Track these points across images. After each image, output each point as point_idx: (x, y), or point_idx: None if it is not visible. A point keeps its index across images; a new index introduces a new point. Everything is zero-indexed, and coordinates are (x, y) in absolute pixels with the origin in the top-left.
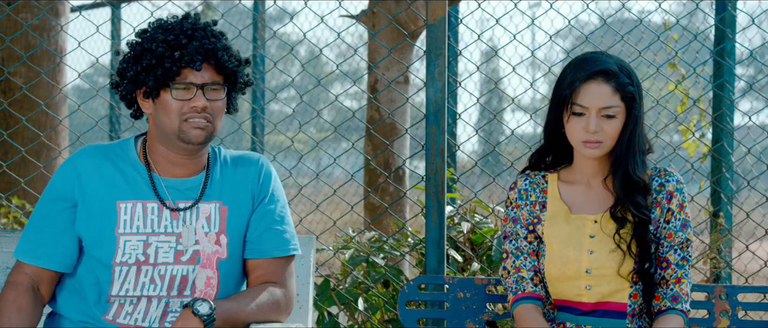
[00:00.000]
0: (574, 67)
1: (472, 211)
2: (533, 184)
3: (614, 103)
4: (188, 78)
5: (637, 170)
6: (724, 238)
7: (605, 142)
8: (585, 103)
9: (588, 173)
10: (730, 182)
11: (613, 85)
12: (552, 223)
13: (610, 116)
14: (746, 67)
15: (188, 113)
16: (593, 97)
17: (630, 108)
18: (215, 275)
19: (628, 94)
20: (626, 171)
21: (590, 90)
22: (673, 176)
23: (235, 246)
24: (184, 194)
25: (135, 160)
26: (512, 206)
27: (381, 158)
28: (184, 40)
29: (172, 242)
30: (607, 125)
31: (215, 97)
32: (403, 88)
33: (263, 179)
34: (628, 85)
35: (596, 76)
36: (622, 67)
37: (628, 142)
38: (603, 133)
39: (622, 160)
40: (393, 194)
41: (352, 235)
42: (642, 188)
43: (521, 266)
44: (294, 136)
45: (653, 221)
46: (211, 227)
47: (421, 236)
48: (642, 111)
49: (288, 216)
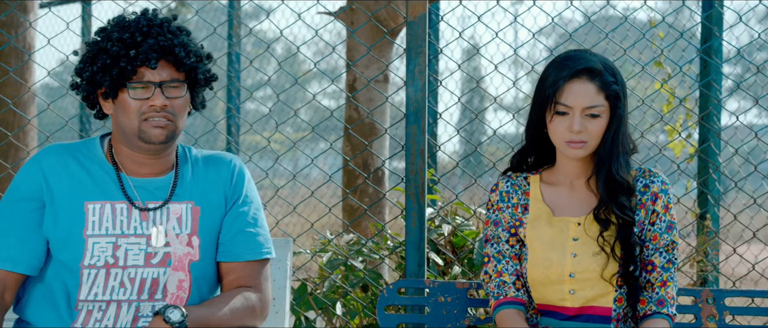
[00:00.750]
0: (558, 66)
1: (454, 213)
2: (515, 186)
3: (598, 103)
4: (145, 76)
5: (621, 171)
6: (711, 240)
7: (589, 142)
8: (569, 103)
9: (571, 174)
10: (717, 183)
11: (597, 83)
12: (534, 226)
13: (594, 116)
14: (733, 66)
15: (147, 113)
16: (577, 97)
17: (614, 107)
18: (187, 278)
19: (612, 93)
20: (610, 172)
21: (574, 89)
22: (658, 177)
23: (208, 248)
24: (154, 194)
25: (102, 160)
26: (493, 209)
27: (360, 159)
28: (139, 37)
29: (142, 243)
30: (592, 125)
31: (175, 94)
32: (382, 87)
33: (236, 180)
34: (612, 84)
35: (580, 75)
36: (607, 65)
37: (612, 142)
38: (587, 133)
39: (605, 161)
40: (372, 195)
41: (329, 238)
42: (626, 188)
43: (503, 270)
44: (270, 137)
45: (638, 223)
46: (182, 228)
47: (400, 238)
48: (626, 110)
49: (262, 218)
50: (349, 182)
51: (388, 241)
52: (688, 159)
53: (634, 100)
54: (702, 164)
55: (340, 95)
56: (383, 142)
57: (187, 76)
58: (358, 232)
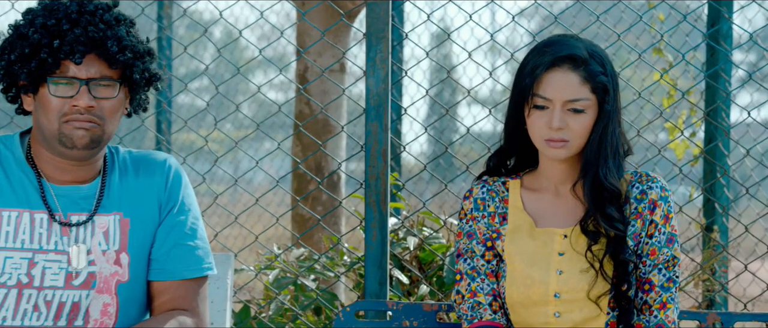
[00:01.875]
0: (538, 52)
1: (421, 224)
2: (492, 192)
3: (582, 96)
4: (70, 71)
5: (610, 176)
6: (719, 256)
7: (572, 141)
8: (548, 95)
9: (555, 179)
10: (725, 189)
11: (581, 73)
12: (514, 238)
13: (577, 110)
14: (745, 53)
15: (70, 114)
16: (557, 88)
17: (602, 102)
18: (114, 302)
19: (599, 85)
20: (597, 177)
21: (554, 79)
22: (657, 182)
23: (139, 266)
24: (78, 205)
25: (21, 161)
26: (467, 219)
27: (312, 161)
28: (65, 25)
29: (63, 262)
30: (574, 121)
31: (105, 94)
32: (338, 78)
33: (172, 185)
34: (599, 75)
35: (561, 63)
36: (594, 52)
37: (600, 142)
38: (569, 130)
39: (592, 164)
40: (326, 203)
41: (276, 252)
42: (616, 197)
43: (478, 289)
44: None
45: (633, 235)
46: (109, 243)
47: (359, 253)
48: (618, 106)
49: (201, 229)
50: (300, 187)
51: (344, 256)
52: (692, 161)
53: (630, 93)
54: (708, 167)
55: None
56: (339, 142)
57: (122, 75)
58: (309, 245)
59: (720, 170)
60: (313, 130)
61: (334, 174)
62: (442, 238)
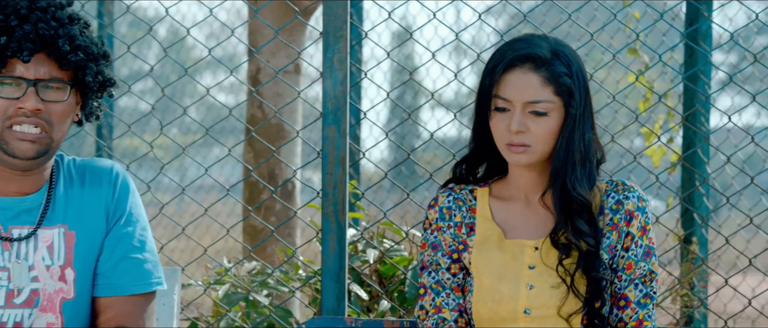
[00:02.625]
0: (500, 52)
1: (381, 235)
2: (458, 200)
3: (544, 97)
4: (17, 71)
5: (578, 186)
6: (698, 269)
7: (535, 146)
8: (508, 96)
9: (525, 187)
10: (705, 198)
11: (543, 74)
12: (482, 250)
13: (538, 113)
14: (726, 54)
15: (15, 117)
16: (517, 88)
17: (568, 105)
18: (58, 321)
19: (563, 86)
20: (564, 187)
21: (514, 79)
22: (633, 192)
23: (85, 282)
24: (20, 218)
25: None
26: (432, 229)
27: (265, 168)
28: (14, 21)
29: (4, 279)
30: (536, 125)
31: (54, 98)
32: (293, 80)
33: (119, 194)
34: (563, 76)
35: (523, 63)
36: (560, 52)
37: (567, 149)
38: (531, 134)
39: (559, 173)
40: (280, 213)
41: (227, 266)
42: (585, 208)
43: (443, 304)
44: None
45: (609, 248)
46: (53, 258)
47: (315, 266)
48: (587, 109)
49: (150, 241)
50: (252, 196)
51: (299, 270)
52: (669, 169)
53: (604, 96)
54: (687, 175)
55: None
56: (294, 148)
57: (73, 77)
58: (262, 258)
59: (699, 178)
60: (266, 136)
61: (288, 182)
62: (404, 250)
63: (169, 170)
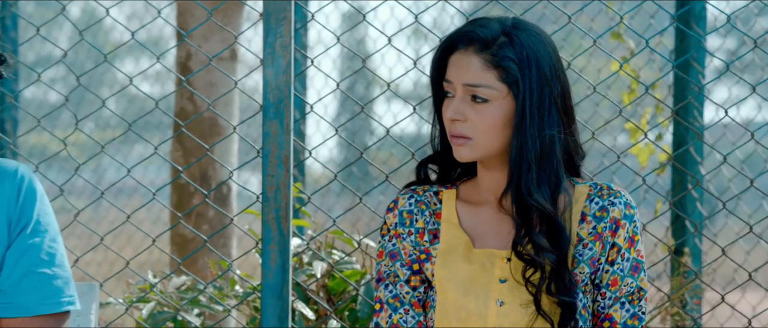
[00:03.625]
0: (451, 33)
1: (330, 245)
2: (421, 204)
3: (484, 82)
4: None
5: (535, 192)
6: (691, 284)
7: (477, 139)
8: (450, 77)
9: (495, 189)
10: (698, 203)
11: (486, 57)
12: (447, 260)
13: (478, 99)
14: (723, 38)
15: None
16: (457, 69)
17: (517, 95)
18: None
19: (510, 74)
20: (519, 191)
21: (456, 60)
22: (620, 198)
23: None
24: None
25: None
26: (390, 236)
27: (196, 169)
28: None
29: None
30: (476, 113)
31: None
32: (228, 68)
33: (24, 199)
34: (507, 60)
35: (467, 44)
36: (514, 35)
37: (519, 147)
38: (471, 124)
39: (513, 175)
40: (213, 220)
41: (152, 281)
42: (546, 218)
43: (401, 322)
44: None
45: (591, 260)
46: None
47: (255, 281)
48: (546, 101)
49: (61, 254)
50: (181, 201)
51: (236, 286)
52: (658, 170)
53: (583, 86)
54: (677, 177)
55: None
56: (229, 146)
57: None
58: (192, 273)
59: (691, 181)
60: (198, 132)
61: (223, 185)
62: (356, 263)
63: (84, 170)
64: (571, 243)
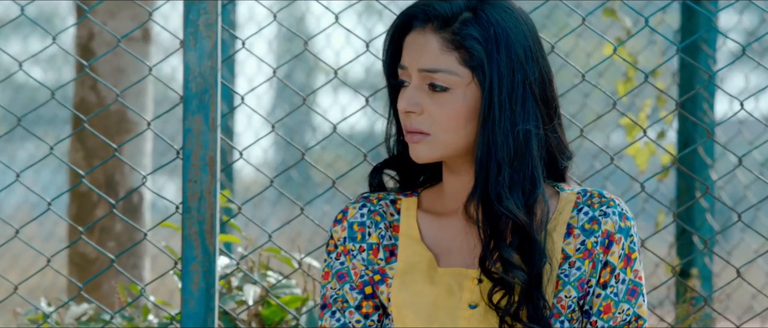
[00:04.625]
0: (407, 8)
1: (264, 266)
2: (375, 215)
3: (442, 66)
4: None
5: (505, 197)
6: (700, 313)
7: (435, 134)
8: (405, 61)
9: (461, 196)
10: (708, 215)
11: (446, 36)
12: (406, 282)
13: (436, 88)
14: (739, 15)
15: None
16: (412, 51)
17: (483, 83)
18: None
19: (473, 56)
20: (486, 196)
21: (411, 41)
22: (614, 207)
23: None
24: None
25: None
26: (337, 253)
27: (100, 174)
28: None
29: None
30: (434, 104)
31: None
32: (140, 50)
33: None
34: (471, 40)
35: (423, 22)
36: (481, 11)
37: (486, 144)
38: (428, 116)
39: (480, 177)
40: (122, 236)
41: (46, 310)
42: (518, 230)
43: None
44: None
45: (578, 283)
46: None
47: (173, 310)
48: (522, 92)
49: None
50: (82, 213)
51: (149, 315)
52: (660, 174)
53: (569, 74)
54: (683, 183)
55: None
56: (142, 146)
57: None
58: (96, 299)
59: (700, 188)
60: (103, 128)
61: (133, 193)
62: (295, 286)
63: None
64: (556, 261)
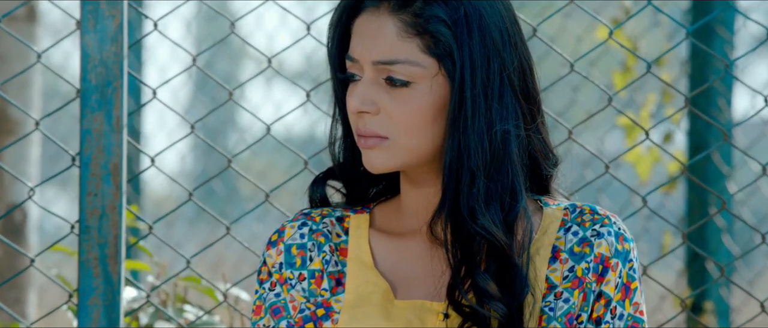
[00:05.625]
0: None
1: (180, 298)
2: (318, 235)
3: (401, 56)
4: None
5: (479, 213)
6: None
7: (395, 138)
8: (355, 52)
9: (425, 212)
10: (726, 236)
11: (405, 18)
12: (356, 316)
13: (395, 82)
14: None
15: None
16: (363, 40)
17: (453, 74)
18: None
19: (439, 42)
20: (456, 212)
21: (361, 26)
22: (610, 225)
23: None
24: None
25: None
26: (272, 282)
27: None
28: None
29: None
30: (392, 102)
31: None
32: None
33: None
34: (436, 22)
35: (374, 2)
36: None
37: (456, 149)
38: (385, 117)
39: (449, 190)
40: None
41: None
42: (496, 253)
43: None
44: None
45: (566, 317)
46: None
47: None
48: (494, 81)
49: None
50: None
51: None
52: (666, 185)
53: (555, 63)
54: (695, 197)
55: None
56: (27, 151)
57: None
58: None
59: (715, 202)
60: None
61: (16, 210)
62: (219, 323)
63: None
64: (539, 291)
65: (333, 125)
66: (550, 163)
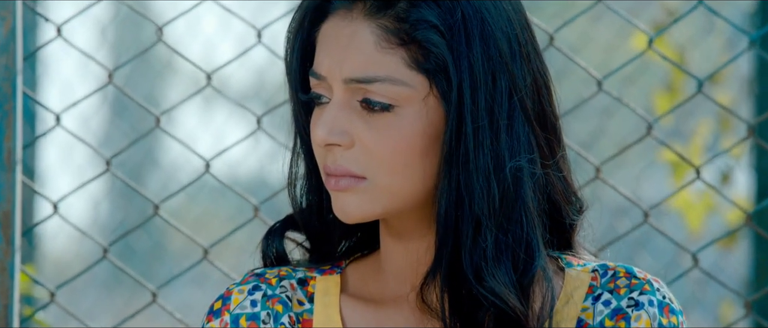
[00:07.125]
0: None
1: None
2: (274, 302)
3: (382, 73)
4: None
5: (487, 274)
6: None
7: (373, 178)
8: (321, 68)
9: (413, 273)
10: None
11: (385, 24)
12: None
13: (373, 106)
14: None
15: None
16: (330, 52)
17: (447, 95)
18: None
19: (429, 52)
20: (457, 273)
21: (328, 34)
22: (652, 293)
23: None
24: None
25: None
26: None
27: None
28: None
29: None
30: (370, 131)
31: None
32: None
33: None
34: (425, 28)
35: (350, 6)
36: None
37: (457, 190)
38: (362, 150)
39: (445, 244)
40: None
41: None
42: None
43: None
44: None
45: None
46: None
47: None
48: (501, 104)
49: None
50: None
51: None
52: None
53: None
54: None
55: None
56: None
57: None
58: None
59: None
60: None
61: None
62: None
63: None
64: None
65: (293, 161)
66: (572, 209)
